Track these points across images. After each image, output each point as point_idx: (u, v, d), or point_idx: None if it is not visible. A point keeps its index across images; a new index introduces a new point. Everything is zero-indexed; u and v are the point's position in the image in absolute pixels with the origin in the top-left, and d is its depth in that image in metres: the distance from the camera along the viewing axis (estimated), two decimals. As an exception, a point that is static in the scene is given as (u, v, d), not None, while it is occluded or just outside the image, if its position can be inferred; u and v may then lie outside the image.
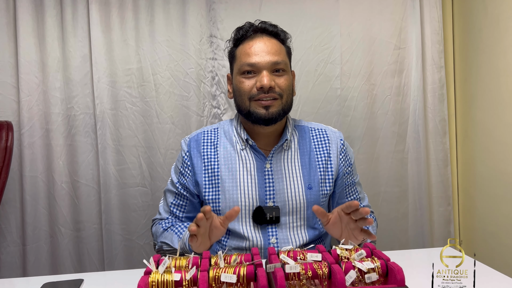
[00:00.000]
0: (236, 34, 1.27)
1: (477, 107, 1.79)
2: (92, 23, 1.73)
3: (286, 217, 1.24)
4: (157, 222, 1.33)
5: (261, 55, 1.19)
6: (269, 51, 1.20)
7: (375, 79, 1.88)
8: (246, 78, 1.21)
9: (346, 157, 1.33)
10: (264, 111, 1.19)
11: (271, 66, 1.19)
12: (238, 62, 1.23)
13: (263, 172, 1.25)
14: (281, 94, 1.21)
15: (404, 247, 1.92)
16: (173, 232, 1.22)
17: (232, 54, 1.28)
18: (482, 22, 1.73)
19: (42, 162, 1.75)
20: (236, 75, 1.24)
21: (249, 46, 1.21)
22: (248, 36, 1.24)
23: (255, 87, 1.19)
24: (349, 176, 1.33)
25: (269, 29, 1.25)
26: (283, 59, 1.22)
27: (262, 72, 1.18)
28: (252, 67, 1.19)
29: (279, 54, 1.21)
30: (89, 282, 1.03)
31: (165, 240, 1.21)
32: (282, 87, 1.21)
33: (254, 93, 1.19)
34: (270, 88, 1.18)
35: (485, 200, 1.78)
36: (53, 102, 1.74)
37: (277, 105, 1.20)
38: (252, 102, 1.20)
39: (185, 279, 0.80)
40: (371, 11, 1.86)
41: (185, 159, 1.30)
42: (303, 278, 0.82)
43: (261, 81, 1.17)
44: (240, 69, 1.21)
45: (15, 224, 1.76)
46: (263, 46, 1.20)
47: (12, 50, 1.73)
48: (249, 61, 1.19)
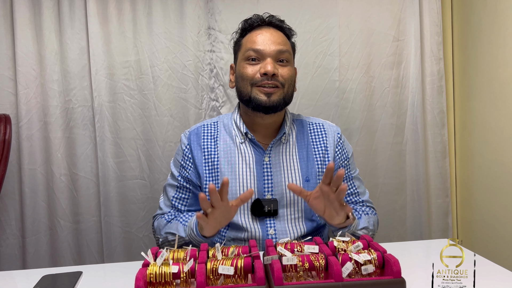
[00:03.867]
0: (244, 24, 1.29)
1: (476, 99, 1.79)
2: (90, 15, 1.72)
3: (284, 209, 1.25)
4: (158, 217, 1.33)
5: (267, 43, 1.21)
6: (274, 41, 1.22)
7: (374, 71, 1.88)
8: (250, 65, 1.22)
9: (342, 150, 1.33)
10: (265, 98, 1.20)
11: (275, 54, 1.21)
12: (243, 49, 1.25)
13: (262, 165, 1.26)
14: (283, 83, 1.22)
15: (402, 238, 1.93)
16: (178, 221, 1.23)
17: (238, 44, 1.30)
18: (481, 13, 1.72)
19: (41, 155, 1.75)
20: (240, 62, 1.25)
21: (255, 34, 1.24)
22: (255, 27, 1.26)
23: (259, 73, 1.20)
24: (345, 169, 1.33)
25: (276, 23, 1.27)
26: (287, 49, 1.24)
27: (266, 59, 1.20)
28: (257, 53, 1.21)
29: (284, 45, 1.24)
30: (88, 274, 1.03)
31: (170, 230, 1.21)
32: (284, 76, 1.22)
33: (257, 79, 1.20)
34: (273, 75, 1.19)
35: (483, 192, 1.78)
36: (51, 95, 1.74)
37: (279, 93, 1.21)
38: (254, 88, 1.21)
39: (183, 271, 0.81)
40: (370, 3, 1.85)
41: (186, 151, 1.30)
42: (300, 270, 0.83)
43: (265, 67, 1.18)
44: (245, 54, 1.23)
45: (14, 216, 1.76)
46: (270, 36, 1.23)
47: (9, 43, 1.72)
48: (254, 47, 1.21)
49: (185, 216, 1.25)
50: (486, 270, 0.97)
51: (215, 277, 0.81)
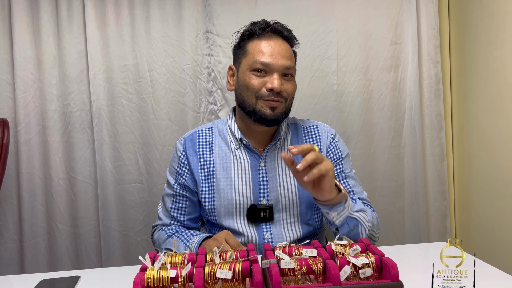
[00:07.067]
0: (251, 28, 1.25)
1: (473, 102, 1.80)
2: (88, 19, 1.72)
3: (280, 213, 1.25)
4: (159, 228, 1.32)
5: (276, 57, 1.19)
6: (283, 55, 1.20)
7: (372, 74, 1.88)
8: (256, 76, 1.20)
9: (335, 149, 1.31)
10: (270, 112, 1.19)
11: (282, 70, 1.20)
12: (251, 57, 1.21)
13: (258, 171, 1.26)
14: (286, 98, 1.22)
15: (401, 241, 1.93)
16: (179, 239, 1.22)
17: (242, 47, 1.26)
18: (478, 17, 1.73)
19: (39, 159, 1.75)
20: (245, 70, 1.22)
21: (264, 45, 1.21)
22: (263, 35, 1.23)
23: (265, 87, 1.19)
24: (337, 167, 1.30)
25: (283, 33, 1.25)
26: (293, 65, 1.24)
27: (273, 75, 1.18)
28: (265, 66, 1.19)
29: (291, 60, 1.22)
30: (86, 279, 1.03)
31: (170, 247, 1.21)
32: (288, 92, 1.22)
33: (263, 93, 1.19)
34: (279, 92, 1.19)
35: (481, 195, 1.79)
36: (49, 99, 1.74)
37: (281, 107, 1.21)
38: (259, 101, 1.20)
39: (180, 275, 0.80)
40: (367, 6, 1.86)
41: (182, 158, 1.30)
42: (298, 273, 0.83)
43: (272, 84, 1.17)
44: (252, 65, 1.20)
45: (13, 221, 1.76)
46: (278, 49, 1.20)
47: (7, 47, 1.72)
48: (262, 60, 1.18)
49: (186, 234, 1.24)
50: (485, 273, 0.97)
51: (213, 281, 0.81)
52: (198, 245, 1.14)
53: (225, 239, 1.09)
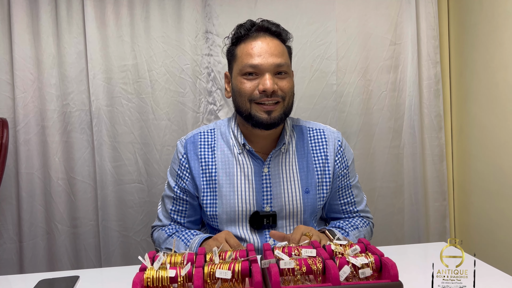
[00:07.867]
0: (237, 32, 1.20)
1: (473, 103, 1.80)
2: (87, 19, 1.72)
3: (283, 220, 1.22)
4: (158, 228, 1.30)
5: (264, 56, 1.14)
6: (272, 53, 1.14)
7: (371, 74, 1.88)
8: (247, 80, 1.15)
9: (342, 158, 1.29)
10: (266, 116, 1.15)
11: (274, 68, 1.14)
12: (240, 62, 1.17)
13: (261, 176, 1.22)
14: (283, 97, 1.17)
15: (400, 241, 1.93)
16: (179, 238, 1.20)
17: (232, 53, 1.22)
18: (477, 17, 1.73)
19: (38, 159, 1.75)
20: (236, 76, 1.19)
21: (251, 46, 1.15)
22: (250, 35, 1.18)
23: (257, 90, 1.14)
24: (344, 178, 1.29)
25: (271, 29, 1.18)
26: (285, 61, 1.17)
27: (264, 75, 1.13)
28: (255, 68, 1.14)
29: (282, 56, 1.16)
30: (85, 279, 1.03)
31: (170, 247, 1.19)
32: (284, 90, 1.17)
33: (256, 96, 1.15)
34: (273, 92, 1.14)
35: (480, 195, 1.79)
36: (48, 99, 1.74)
37: (279, 109, 1.17)
38: (253, 105, 1.16)
39: (180, 275, 0.80)
40: (367, 7, 1.86)
41: (183, 161, 1.26)
42: (297, 273, 0.83)
43: (264, 85, 1.12)
44: (242, 70, 1.16)
45: (12, 221, 1.76)
46: (266, 47, 1.15)
47: (6, 47, 1.72)
48: (251, 63, 1.14)
49: (187, 234, 1.22)
50: (484, 273, 0.97)
51: (212, 281, 0.81)
52: (198, 245, 1.13)
53: (225, 239, 1.08)
